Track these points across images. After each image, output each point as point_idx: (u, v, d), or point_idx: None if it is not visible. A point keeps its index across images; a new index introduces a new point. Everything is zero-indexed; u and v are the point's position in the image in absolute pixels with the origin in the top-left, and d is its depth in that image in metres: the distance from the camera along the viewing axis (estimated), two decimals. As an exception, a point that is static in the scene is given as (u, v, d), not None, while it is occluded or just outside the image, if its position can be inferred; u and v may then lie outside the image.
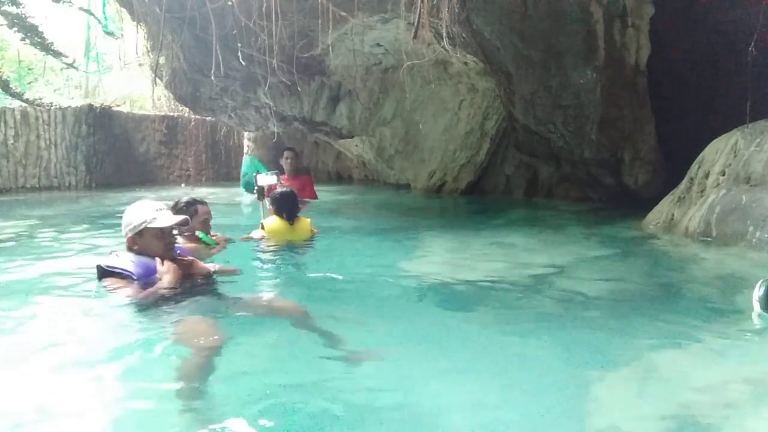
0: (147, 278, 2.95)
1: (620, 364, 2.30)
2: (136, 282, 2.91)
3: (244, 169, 8.62)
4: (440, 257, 4.63)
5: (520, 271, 3.95)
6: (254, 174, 5.64)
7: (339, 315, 2.92)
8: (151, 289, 2.88)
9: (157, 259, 3.01)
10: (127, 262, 2.98)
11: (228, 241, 4.49)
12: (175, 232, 3.27)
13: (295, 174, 7.32)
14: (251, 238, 4.66)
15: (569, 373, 2.23)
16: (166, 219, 3.08)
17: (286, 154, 7.47)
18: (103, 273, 2.96)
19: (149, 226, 3.00)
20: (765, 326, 2.70)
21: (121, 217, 3.10)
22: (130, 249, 3.04)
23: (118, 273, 2.94)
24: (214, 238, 4.26)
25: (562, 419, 1.87)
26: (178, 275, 3.01)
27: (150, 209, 3.06)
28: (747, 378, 2.13)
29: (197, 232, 4.06)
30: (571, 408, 1.93)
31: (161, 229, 3.04)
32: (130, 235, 3.02)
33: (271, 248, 4.49)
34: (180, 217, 3.20)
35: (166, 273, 2.95)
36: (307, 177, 7.79)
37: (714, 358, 2.36)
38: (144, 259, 3.01)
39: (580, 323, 2.86)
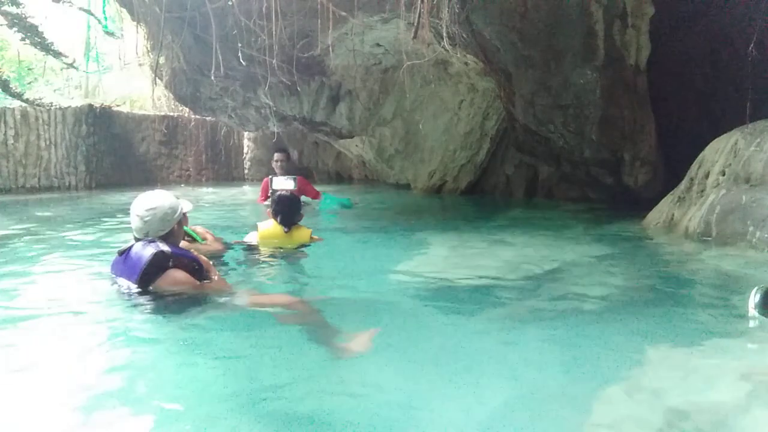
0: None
1: (619, 363, 2.30)
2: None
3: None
4: (440, 257, 4.63)
5: (519, 271, 3.95)
6: (269, 177, 5.40)
7: (336, 317, 2.92)
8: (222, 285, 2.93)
9: (201, 256, 2.99)
10: (187, 252, 2.92)
11: (220, 242, 4.43)
12: None
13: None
14: (245, 242, 4.47)
15: (568, 373, 2.23)
16: (187, 203, 3.07)
17: (276, 156, 7.27)
18: (166, 262, 2.77)
19: (183, 211, 2.97)
20: (763, 326, 2.70)
21: (128, 216, 3.00)
22: (165, 239, 2.87)
23: (179, 261, 2.80)
24: (208, 236, 4.22)
25: (560, 418, 1.87)
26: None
27: (170, 194, 3.04)
28: (746, 378, 2.13)
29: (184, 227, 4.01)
30: (570, 407, 1.93)
31: (184, 215, 3.04)
32: (175, 223, 2.93)
33: (265, 252, 4.32)
34: (189, 203, 3.20)
35: (217, 275, 2.98)
36: (302, 178, 7.57)
37: (713, 359, 2.36)
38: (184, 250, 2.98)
39: (579, 323, 2.86)
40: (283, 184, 5.11)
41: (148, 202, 2.88)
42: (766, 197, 4.46)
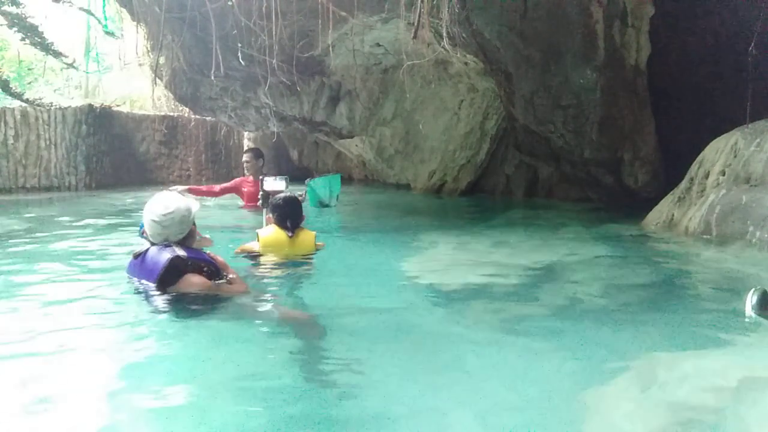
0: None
1: (618, 363, 2.30)
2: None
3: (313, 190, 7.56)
4: (440, 258, 4.63)
5: (519, 272, 3.95)
6: (260, 178, 5.21)
7: (337, 320, 2.92)
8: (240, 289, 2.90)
9: (218, 257, 2.95)
10: (202, 254, 2.85)
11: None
12: None
13: (259, 177, 6.24)
14: (245, 251, 4.13)
15: (568, 373, 2.24)
16: (195, 202, 3.01)
17: (244, 157, 7.03)
18: (183, 267, 2.71)
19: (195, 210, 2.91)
20: (761, 328, 2.70)
21: (129, 216, 2.97)
22: (182, 242, 2.80)
23: (196, 265, 2.74)
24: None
25: (560, 419, 1.87)
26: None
27: (178, 195, 2.97)
28: (744, 378, 2.13)
29: None
30: (570, 408, 1.93)
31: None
32: (193, 224, 2.86)
33: (267, 262, 4.07)
34: (196, 202, 3.17)
35: (234, 274, 2.93)
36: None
37: (712, 359, 2.36)
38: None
39: (579, 323, 2.86)
40: (274, 185, 4.87)
41: (165, 206, 2.77)
42: (766, 197, 4.47)
